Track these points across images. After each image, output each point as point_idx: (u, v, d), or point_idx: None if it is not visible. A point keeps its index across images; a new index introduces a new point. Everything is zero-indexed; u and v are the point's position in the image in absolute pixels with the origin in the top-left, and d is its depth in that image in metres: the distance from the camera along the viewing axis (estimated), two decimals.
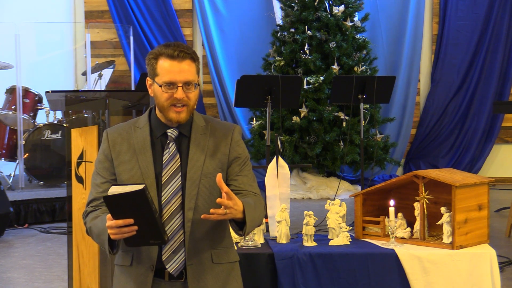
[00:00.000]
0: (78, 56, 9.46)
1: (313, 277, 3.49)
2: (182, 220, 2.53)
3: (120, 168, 2.58)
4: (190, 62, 2.52)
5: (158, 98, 2.54)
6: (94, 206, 2.61)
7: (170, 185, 2.54)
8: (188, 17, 9.55)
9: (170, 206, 2.53)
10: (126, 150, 2.58)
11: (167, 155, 2.56)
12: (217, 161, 2.58)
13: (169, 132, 2.57)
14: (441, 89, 9.34)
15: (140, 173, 2.54)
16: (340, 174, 8.33)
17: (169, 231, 2.52)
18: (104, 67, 8.13)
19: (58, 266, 5.33)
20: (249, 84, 5.95)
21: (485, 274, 3.48)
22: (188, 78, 2.50)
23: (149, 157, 2.55)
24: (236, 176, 2.62)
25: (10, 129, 7.53)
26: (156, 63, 2.52)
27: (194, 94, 2.54)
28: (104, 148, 2.63)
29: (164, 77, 2.50)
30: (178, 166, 2.55)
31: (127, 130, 2.62)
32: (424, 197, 3.57)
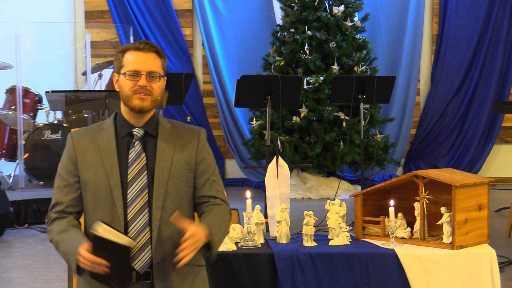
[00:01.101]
0: (78, 56, 9.46)
1: (313, 277, 3.49)
2: (148, 218, 2.55)
3: (85, 169, 2.59)
4: (155, 56, 2.59)
5: (123, 88, 2.58)
6: (59, 213, 2.61)
7: (135, 183, 2.56)
8: (188, 17, 9.55)
9: (136, 204, 2.55)
10: (91, 152, 2.60)
11: (133, 153, 2.58)
12: (184, 161, 2.61)
13: (135, 132, 2.60)
14: (441, 89, 9.34)
15: (105, 173, 2.56)
16: (340, 174, 8.33)
17: (135, 229, 2.53)
18: (104, 67, 8.13)
19: (58, 266, 5.33)
20: (249, 84, 5.95)
21: (485, 274, 3.48)
22: (152, 68, 2.57)
23: (114, 157, 2.58)
24: (205, 182, 2.65)
25: (10, 129, 7.53)
26: (123, 56, 2.60)
27: (158, 85, 2.59)
28: (68, 150, 2.66)
29: (129, 67, 2.57)
30: (144, 165, 2.58)
31: (92, 132, 2.64)
32: (424, 197, 3.57)
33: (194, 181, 2.64)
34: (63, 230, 2.56)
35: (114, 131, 2.62)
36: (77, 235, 2.54)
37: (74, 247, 2.45)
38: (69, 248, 2.50)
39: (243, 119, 9.26)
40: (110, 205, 2.54)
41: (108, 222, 2.49)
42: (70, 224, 2.59)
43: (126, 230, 2.53)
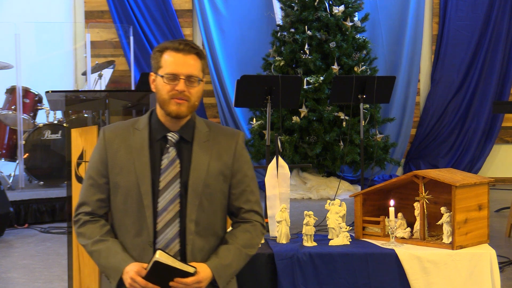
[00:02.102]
0: (78, 56, 9.46)
1: (313, 277, 3.49)
2: (178, 229, 2.44)
3: (116, 172, 2.48)
4: (195, 58, 2.46)
5: (160, 91, 2.45)
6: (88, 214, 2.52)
7: (167, 191, 2.45)
8: (188, 17, 9.55)
9: (166, 213, 2.44)
10: (123, 153, 2.48)
11: (166, 160, 2.46)
12: (219, 171, 2.50)
13: (169, 136, 2.48)
14: (441, 89, 9.34)
15: (136, 178, 2.44)
16: (340, 174, 8.33)
17: (164, 240, 2.44)
18: (104, 67, 8.12)
19: (58, 266, 5.33)
20: (249, 84, 5.95)
21: (485, 274, 3.48)
22: (192, 72, 2.43)
23: (145, 162, 2.46)
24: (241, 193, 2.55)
25: (10, 129, 7.53)
26: (161, 56, 2.46)
27: (196, 90, 2.46)
28: (99, 148, 2.53)
29: (167, 69, 2.43)
30: (177, 173, 2.46)
31: (126, 131, 2.51)
32: (424, 197, 3.57)
33: (229, 191, 2.54)
34: (99, 239, 2.47)
35: (148, 132, 2.50)
36: (116, 249, 2.45)
37: (117, 265, 2.39)
38: (110, 263, 2.43)
39: (243, 119, 9.26)
40: (139, 212, 2.45)
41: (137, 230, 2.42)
42: (104, 231, 2.49)
43: (155, 241, 2.44)
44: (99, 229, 2.50)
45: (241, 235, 2.54)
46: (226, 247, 2.51)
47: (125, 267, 2.38)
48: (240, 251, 2.52)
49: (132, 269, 2.36)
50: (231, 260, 2.49)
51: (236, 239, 2.53)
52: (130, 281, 2.35)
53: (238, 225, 2.58)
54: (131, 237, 2.47)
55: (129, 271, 2.36)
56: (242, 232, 2.55)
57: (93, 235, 2.48)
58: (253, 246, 2.58)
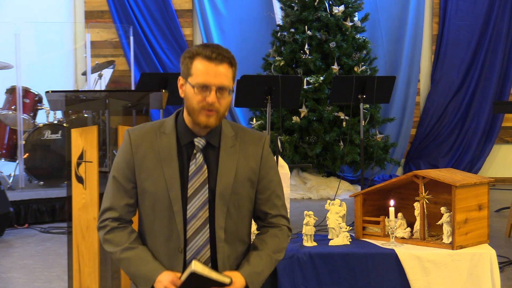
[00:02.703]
0: (78, 56, 9.46)
1: (313, 277, 3.49)
2: (208, 235, 2.42)
3: (143, 177, 2.44)
4: (227, 67, 2.39)
5: (190, 100, 2.39)
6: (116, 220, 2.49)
7: (196, 198, 2.41)
8: (188, 17, 9.55)
9: (196, 220, 2.42)
10: (150, 158, 2.43)
11: (193, 166, 2.42)
12: (247, 177, 2.48)
13: (196, 142, 2.44)
14: (441, 89, 9.34)
15: (165, 184, 2.40)
16: (340, 174, 8.33)
17: (194, 247, 2.42)
18: (104, 67, 8.12)
19: (58, 266, 5.33)
20: (249, 84, 5.95)
21: (485, 274, 3.48)
22: (224, 83, 2.37)
23: (175, 168, 2.41)
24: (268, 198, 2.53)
25: (10, 129, 7.53)
26: (191, 62, 2.39)
27: (226, 101, 2.41)
28: (125, 152, 2.47)
29: (198, 78, 2.37)
30: (205, 179, 2.42)
31: (152, 135, 2.46)
32: (424, 197, 3.57)
33: (256, 196, 2.52)
34: (128, 247, 2.44)
35: (176, 136, 2.45)
36: (147, 257, 2.43)
37: (149, 273, 2.38)
38: (140, 272, 2.40)
39: (243, 119, 9.26)
40: (169, 218, 2.41)
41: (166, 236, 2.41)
42: (132, 238, 2.47)
43: (185, 247, 2.42)
44: (127, 236, 2.47)
45: (270, 241, 2.53)
46: (257, 254, 2.51)
47: (157, 276, 2.37)
48: (271, 258, 2.52)
49: (167, 278, 2.35)
50: (263, 267, 2.49)
51: (266, 245, 2.52)
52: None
53: (266, 230, 2.57)
54: (160, 243, 2.45)
55: (162, 280, 2.35)
56: (271, 237, 2.54)
57: (121, 242, 2.46)
58: (281, 250, 2.57)
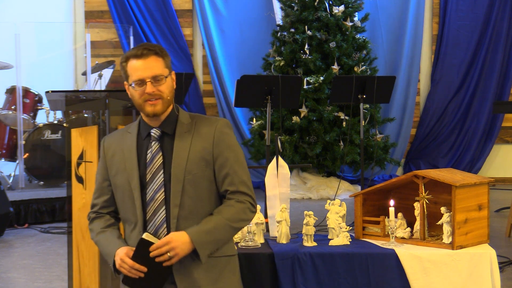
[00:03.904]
0: (78, 56, 9.46)
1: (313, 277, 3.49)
2: (165, 216, 2.60)
3: (113, 173, 2.71)
4: (155, 58, 2.62)
5: (133, 97, 2.65)
6: (96, 212, 2.77)
7: (153, 182, 2.62)
8: (188, 17, 9.55)
9: (154, 202, 2.61)
10: (117, 156, 2.71)
11: (150, 154, 2.65)
12: (200, 157, 2.63)
13: (152, 132, 2.67)
14: (441, 89, 9.34)
15: (127, 177, 2.66)
16: (340, 174, 8.33)
17: (153, 228, 2.61)
18: (104, 67, 8.12)
19: (58, 266, 5.33)
20: (249, 84, 5.95)
21: (485, 274, 3.48)
22: (155, 72, 2.60)
23: (134, 160, 2.66)
24: (225, 177, 2.65)
25: (10, 129, 7.53)
26: (126, 65, 2.65)
27: (165, 86, 2.63)
28: (101, 156, 2.79)
29: (133, 76, 2.62)
30: (160, 164, 2.63)
31: (120, 137, 2.75)
32: (424, 197, 3.57)
33: (215, 176, 2.65)
34: (100, 231, 2.72)
35: (137, 133, 2.71)
36: (112, 237, 2.68)
37: (112, 250, 2.62)
38: (106, 251, 2.66)
39: (243, 119, 9.26)
40: (133, 206, 2.64)
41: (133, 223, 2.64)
42: (107, 224, 2.73)
43: (145, 229, 2.61)
44: (103, 223, 2.74)
45: (224, 209, 2.65)
46: (207, 218, 2.63)
47: (116, 251, 2.60)
48: (223, 221, 2.61)
49: (122, 251, 2.57)
50: (212, 227, 2.59)
51: (219, 212, 2.64)
52: (120, 262, 2.55)
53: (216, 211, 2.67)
54: (129, 230, 2.69)
55: (119, 253, 2.57)
56: (225, 206, 2.66)
57: (97, 228, 2.74)
58: (237, 220, 2.64)
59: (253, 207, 2.69)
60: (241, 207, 2.64)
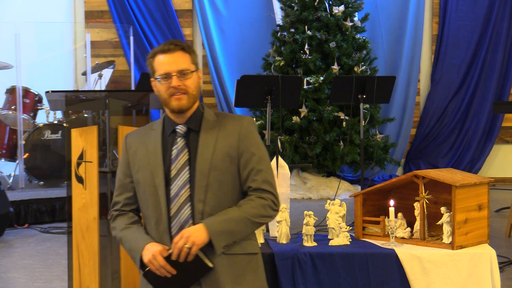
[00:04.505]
0: (78, 56, 9.46)
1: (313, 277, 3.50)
2: (190, 212, 2.59)
3: (135, 169, 2.70)
4: (182, 53, 2.64)
5: (160, 92, 2.65)
6: (119, 210, 2.75)
7: (178, 178, 2.61)
8: (188, 17, 9.55)
9: (178, 198, 2.60)
10: (140, 153, 2.70)
11: (175, 150, 2.64)
12: (225, 153, 2.62)
13: (178, 129, 2.67)
14: (441, 89, 9.34)
15: (151, 172, 2.64)
16: (340, 174, 8.33)
17: (177, 224, 2.59)
18: (104, 67, 8.12)
19: (58, 266, 5.33)
20: (249, 84, 5.95)
21: (485, 274, 3.48)
22: (181, 66, 2.61)
23: (158, 156, 2.65)
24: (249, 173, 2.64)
25: (10, 129, 7.53)
26: (153, 61, 2.66)
27: (191, 81, 2.64)
28: (123, 152, 2.78)
29: (160, 71, 2.63)
30: (186, 160, 2.63)
31: (143, 133, 2.74)
32: (424, 197, 3.57)
33: (239, 173, 2.65)
34: (125, 227, 2.70)
35: (161, 130, 2.70)
36: (139, 232, 2.66)
37: (140, 244, 2.59)
38: (132, 246, 2.63)
39: None
40: (156, 203, 2.63)
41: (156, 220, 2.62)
42: (131, 221, 2.71)
43: (170, 226, 2.60)
44: (127, 220, 2.72)
45: (244, 203, 2.63)
46: (224, 210, 2.61)
47: (144, 245, 2.57)
48: (240, 214, 2.59)
49: (156, 247, 2.54)
50: (227, 218, 2.58)
51: (238, 206, 2.63)
52: (151, 258, 2.52)
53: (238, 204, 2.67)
54: (152, 227, 2.65)
55: (150, 248, 2.55)
56: (245, 201, 2.64)
57: (121, 225, 2.71)
58: (256, 215, 2.62)
59: (275, 205, 2.67)
60: (261, 202, 2.63)
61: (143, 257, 2.55)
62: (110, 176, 3.84)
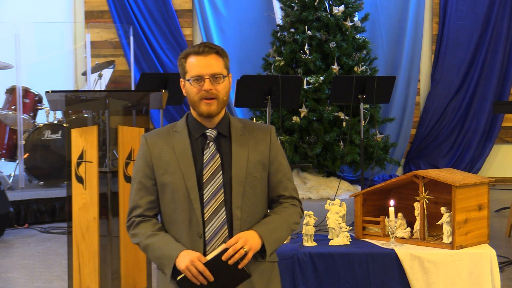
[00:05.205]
0: (78, 56, 9.46)
1: (313, 277, 3.49)
2: (225, 217, 2.58)
3: (161, 172, 2.63)
4: (216, 57, 2.62)
5: (189, 94, 2.62)
6: (140, 216, 2.66)
7: (211, 183, 2.59)
8: (188, 17, 9.55)
9: (212, 204, 2.59)
10: (166, 155, 2.64)
11: (208, 154, 2.62)
12: (258, 160, 2.66)
13: (208, 133, 2.64)
14: (441, 89, 9.34)
15: (182, 177, 2.60)
16: (340, 174, 8.33)
17: (212, 229, 2.58)
18: (104, 67, 8.12)
19: (58, 266, 5.33)
20: (249, 84, 5.95)
21: (485, 274, 3.48)
22: (214, 70, 2.60)
23: (189, 160, 2.61)
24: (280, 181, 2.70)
25: (10, 129, 7.53)
26: (185, 62, 2.63)
27: (222, 86, 2.64)
28: (143, 152, 2.67)
29: (192, 72, 2.59)
30: (219, 165, 2.61)
31: (166, 135, 2.68)
32: (424, 197, 3.57)
33: (269, 179, 2.68)
34: (151, 234, 2.61)
35: (188, 133, 2.66)
36: (170, 239, 2.59)
37: (173, 252, 2.53)
38: (163, 253, 2.56)
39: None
40: (188, 206, 2.59)
41: (187, 224, 2.57)
42: (156, 227, 2.64)
43: (204, 230, 2.57)
44: (152, 226, 2.64)
45: (281, 210, 2.69)
46: (267, 218, 2.66)
47: (179, 253, 2.52)
48: (283, 221, 2.67)
49: (194, 254, 2.49)
50: (275, 226, 2.64)
51: (278, 213, 2.68)
52: (188, 264, 2.46)
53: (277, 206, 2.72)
54: (182, 230, 2.60)
55: (186, 255, 2.50)
56: (282, 208, 2.70)
57: (146, 231, 2.63)
58: (293, 222, 2.71)
59: (302, 213, 2.79)
60: (295, 210, 2.72)
61: (179, 264, 2.50)
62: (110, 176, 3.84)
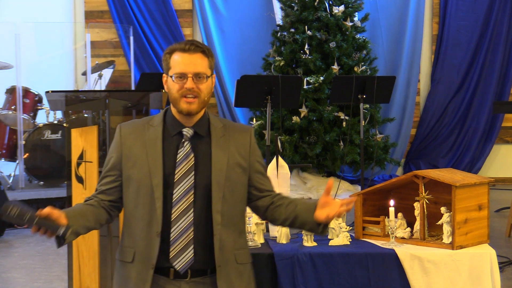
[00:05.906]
0: (78, 56, 9.46)
1: (313, 277, 3.49)
2: (192, 219, 2.54)
3: (130, 165, 2.59)
4: (201, 56, 2.57)
5: (171, 90, 2.59)
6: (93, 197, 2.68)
7: (182, 183, 2.55)
8: (188, 17, 9.55)
9: (181, 204, 2.54)
10: (137, 147, 2.60)
11: (182, 153, 2.58)
12: (236, 163, 2.62)
13: (185, 131, 2.61)
14: (441, 89, 9.34)
15: (149, 173, 2.56)
16: (340, 174, 8.32)
17: (178, 230, 2.54)
18: (104, 67, 8.12)
19: (58, 266, 5.34)
20: (249, 84, 5.95)
21: (485, 274, 3.48)
22: (198, 70, 2.56)
23: (158, 156, 2.57)
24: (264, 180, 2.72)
25: (10, 129, 7.53)
26: (170, 57, 2.59)
27: (205, 86, 2.59)
28: (115, 142, 2.65)
29: (175, 69, 2.56)
30: (191, 165, 2.57)
31: (141, 127, 2.64)
32: (424, 197, 3.57)
33: (253, 181, 2.67)
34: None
35: (162, 129, 2.62)
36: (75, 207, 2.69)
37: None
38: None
39: (243, 119, 9.26)
40: (150, 204, 2.55)
41: (147, 222, 2.55)
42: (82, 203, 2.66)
43: (169, 230, 2.53)
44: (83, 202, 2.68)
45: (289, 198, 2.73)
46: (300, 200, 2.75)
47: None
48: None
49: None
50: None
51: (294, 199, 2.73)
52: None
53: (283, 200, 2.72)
54: (142, 228, 2.57)
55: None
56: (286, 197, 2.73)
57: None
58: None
59: None
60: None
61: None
62: None
